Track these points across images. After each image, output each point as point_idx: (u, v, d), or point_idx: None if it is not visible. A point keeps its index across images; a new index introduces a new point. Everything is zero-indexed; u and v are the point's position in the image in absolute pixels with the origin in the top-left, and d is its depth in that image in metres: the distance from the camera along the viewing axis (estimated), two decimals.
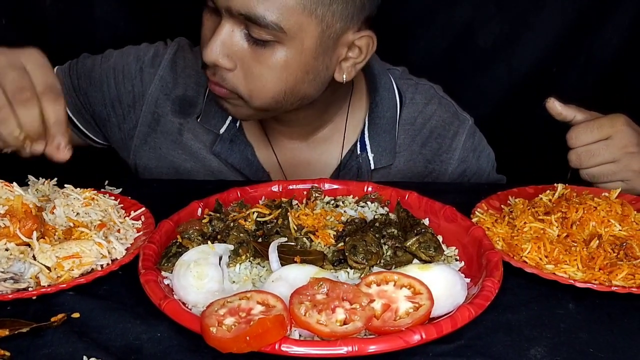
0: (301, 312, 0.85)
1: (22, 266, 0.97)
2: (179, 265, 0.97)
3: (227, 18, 1.20)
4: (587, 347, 0.88)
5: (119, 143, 1.56)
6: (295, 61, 1.24)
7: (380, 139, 1.50)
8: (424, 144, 1.54)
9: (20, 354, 0.83)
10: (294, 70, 1.24)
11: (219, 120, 1.48)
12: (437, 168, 1.55)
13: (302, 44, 1.22)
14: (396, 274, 0.94)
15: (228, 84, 1.25)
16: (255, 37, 1.20)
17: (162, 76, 1.50)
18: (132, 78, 1.50)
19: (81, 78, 1.52)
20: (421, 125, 1.54)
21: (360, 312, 0.86)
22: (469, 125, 1.57)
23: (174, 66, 1.51)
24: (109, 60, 1.52)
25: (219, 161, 1.49)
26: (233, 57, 1.23)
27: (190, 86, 1.51)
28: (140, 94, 1.50)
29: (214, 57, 1.22)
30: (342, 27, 1.25)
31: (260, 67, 1.23)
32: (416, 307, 0.88)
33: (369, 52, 1.33)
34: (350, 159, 1.50)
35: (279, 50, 1.22)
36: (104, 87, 1.50)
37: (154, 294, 0.91)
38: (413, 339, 0.83)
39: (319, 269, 0.96)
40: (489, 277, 0.96)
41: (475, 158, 1.58)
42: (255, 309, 0.85)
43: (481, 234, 1.08)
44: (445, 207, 1.16)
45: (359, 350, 0.81)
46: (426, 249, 1.03)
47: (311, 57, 1.25)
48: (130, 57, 1.51)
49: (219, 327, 0.82)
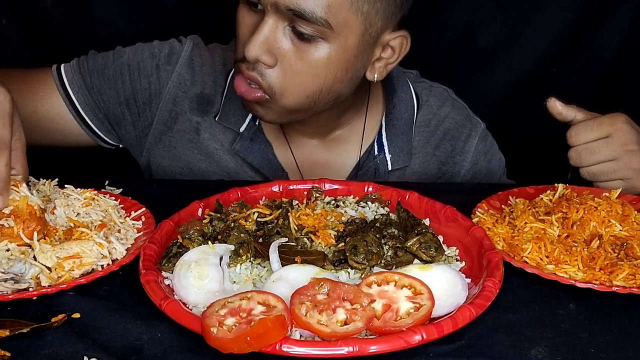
0: (302, 312, 0.85)
1: (23, 267, 0.96)
2: (180, 265, 0.97)
3: (271, 14, 1.20)
4: (588, 347, 0.88)
5: (132, 141, 1.54)
6: (338, 58, 1.24)
7: (398, 140, 1.50)
8: (438, 145, 1.55)
9: (20, 355, 0.83)
10: (334, 67, 1.25)
11: (239, 119, 1.47)
12: (450, 170, 1.55)
13: (346, 41, 1.23)
14: (397, 274, 0.94)
15: (265, 80, 1.25)
16: (301, 33, 1.20)
17: (179, 73, 1.49)
18: (148, 75, 1.48)
19: (94, 75, 1.49)
20: (435, 127, 1.55)
21: (361, 313, 0.86)
22: (481, 129, 1.58)
23: (191, 64, 1.50)
24: (121, 57, 1.50)
25: (235, 162, 1.48)
26: (275, 53, 1.23)
27: (208, 84, 1.50)
28: (157, 92, 1.49)
29: (257, 53, 1.21)
30: (382, 27, 1.26)
31: (301, 64, 1.23)
32: (417, 308, 0.88)
33: (402, 52, 1.34)
34: (368, 159, 1.50)
35: (323, 46, 1.22)
36: (119, 84, 1.48)
37: (155, 294, 0.91)
38: (414, 339, 0.83)
39: (319, 269, 0.96)
40: (490, 277, 0.96)
41: (486, 162, 1.58)
42: (256, 309, 0.85)
43: (482, 234, 1.08)
44: (446, 207, 1.16)
45: (360, 350, 0.81)
46: (427, 249, 1.03)
47: (352, 55, 1.25)
48: (145, 53, 1.49)
49: (219, 328, 0.82)
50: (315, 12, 1.17)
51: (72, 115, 1.49)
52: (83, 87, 1.49)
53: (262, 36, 1.21)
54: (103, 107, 1.50)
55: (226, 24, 1.62)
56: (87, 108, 1.49)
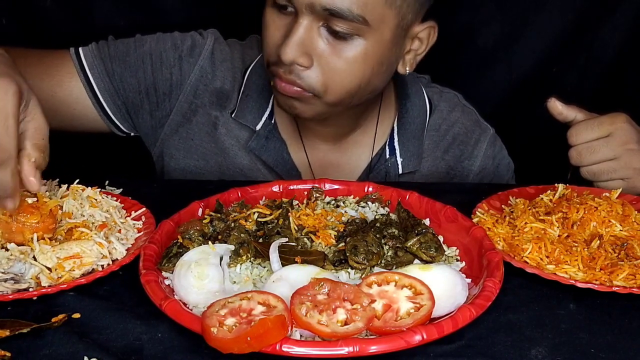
0: (302, 312, 0.85)
1: (23, 267, 0.96)
2: (180, 265, 0.97)
3: (305, 15, 1.20)
4: (588, 348, 0.88)
5: (147, 130, 1.53)
6: (374, 53, 1.24)
7: (410, 144, 1.51)
8: (447, 150, 1.55)
9: (20, 355, 0.83)
10: (371, 62, 1.25)
11: (255, 116, 1.47)
12: (458, 174, 1.56)
13: (382, 35, 1.23)
14: (397, 274, 0.94)
15: (304, 82, 1.25)
16: (337, 31, 1.20)
17: (202, 66, 1.48)
18: (170, 66, 1.47)
19: (115, 62, 1.47)
20: (445, 132, 1.55)
21: (362, 313, 0.86)
22: (490, 134, 1.58)
23: (213, 58, 1.50)
24: (143, 46, 1.48)
25: (250, 159, 1.48)
26: (310, 54, 1.22)
27: (228, 79, 1.50)
28: (178, 83, 1.48)
29: (294, 55, 1.21)
30: (412, 19, 1.28)
31: (339, 62, 1.23)
32: (417, 308, 0.88)
33: (429, 43, 1.35)
34: (379, 162, 1.50)
35: (359, 43, 1.22)
36: (140, 72, 1.47)
37: (155, 294, 0.91)
38: (414, 339, 0.83)
39: (319, 269, 0.96)
40: (490, 277, 0.96)
41: (494, 166, 1.58)
42: (256, 309, 0.85)
43: (482, 234, 1.08)
44: (446, 207, 1.16)
45: (360, 350, 0.81)
46: (427, 249, 1.03)
47: (387, 48, 1.26)
48: (167, 44, 1.48)
49: (219, 328, 0.82)
50: (352, 10, 1.17)
51: (90, 101, 1.47)
52: (104, 73, 1.47)
53: (298, 38, 1.21)
54: (122, 95, 1.49)
55: (226, 24, 1.63)
56: (107, 94, 1.48)
